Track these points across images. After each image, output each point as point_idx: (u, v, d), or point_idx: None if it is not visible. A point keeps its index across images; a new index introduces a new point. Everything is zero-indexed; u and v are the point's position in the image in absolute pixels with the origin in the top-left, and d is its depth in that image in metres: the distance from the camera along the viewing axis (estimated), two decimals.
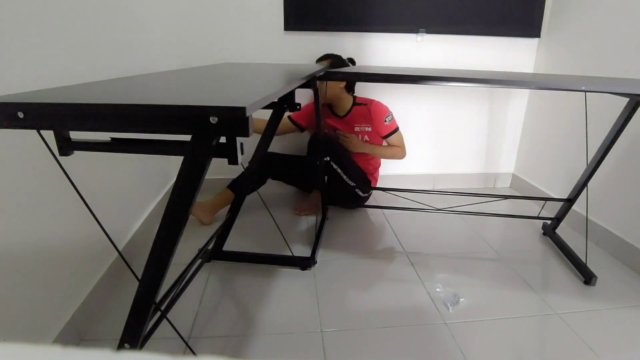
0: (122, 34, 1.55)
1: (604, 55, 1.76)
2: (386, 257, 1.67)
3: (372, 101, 1.96)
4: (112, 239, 0.80)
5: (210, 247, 1.50)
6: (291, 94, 1.31)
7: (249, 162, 1.59)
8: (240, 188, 1.78)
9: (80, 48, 1.22)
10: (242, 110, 0.54)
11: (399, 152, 2.03)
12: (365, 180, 1.98)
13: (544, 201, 1.95)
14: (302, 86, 1.18)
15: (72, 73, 1.18)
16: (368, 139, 1.99)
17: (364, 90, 2.24)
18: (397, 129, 2.00)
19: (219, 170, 2.14)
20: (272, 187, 2.31)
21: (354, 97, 1.97)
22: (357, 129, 1.96)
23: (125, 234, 1.53)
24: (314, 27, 2.04)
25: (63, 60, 1.13)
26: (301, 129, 2.09)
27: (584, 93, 1.68)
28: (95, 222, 0.76)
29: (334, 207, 2.09)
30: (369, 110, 1.93)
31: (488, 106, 2.36)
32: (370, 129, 1.96)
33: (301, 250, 1.70)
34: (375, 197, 2.29)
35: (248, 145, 0.71)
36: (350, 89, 1.96)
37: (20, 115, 0.58)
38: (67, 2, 1.15)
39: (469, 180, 2.51)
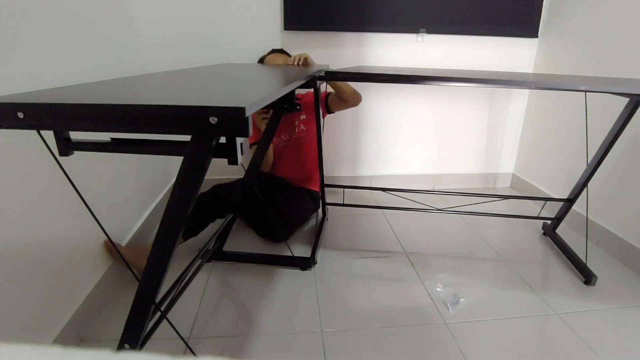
0: (122, 34, 1.55)
1: (604, 55, 1.76)
2: (386, 257, 1.67)
3: (306, 93, 1.95)
4: (112, 239, 0.80)
5: (210, 247, 1.50)
6: (291, 94, 1.32)
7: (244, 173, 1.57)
8: (226, 200, 1.72)
9: (80, 48, 1.22)
10: (241, 110, 0.54)
11: (354, 90, 1.83)
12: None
13: (544, 201, 1.95)
14: (302, 86, 1.18)
15: (72, 73, 1.18)
16: (304, 128, 1.92)
17: (363, 90, 2.24)
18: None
19: (219, 170, 2.14)
20: None
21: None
22: (295, 121, 1.93)
23: (125, 234, 1.53)
24: (313, 27, 2.04)
25: (63, 60, 1.13)
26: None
27: (584, 93, 1.68)
28: (95, 223, 0.76)
29: (333, 208, 2.09)
30: (304, 95, 1.91)
31: (488, 106, 2.36)
32: (305, 117, 1.92)
33: (301, 250, 1.70)
34: (375, 197, 2.29)
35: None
36: None
37: (20, 115, 0.58)
38: (67, 2, 1.15)
39: (469, 181, 2.51)
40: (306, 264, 1.55)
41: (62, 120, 0.60)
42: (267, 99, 0.66)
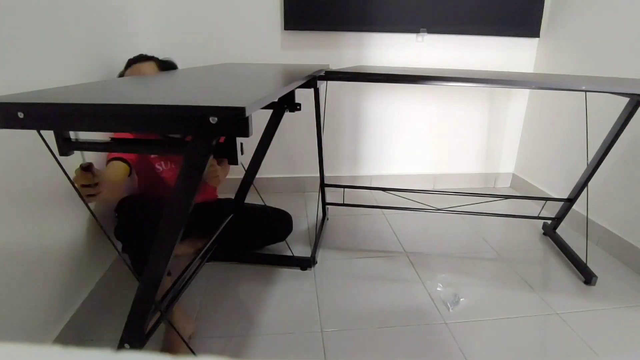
0: (121, 34, 1.55)
1: (604, 54, 1.76)
2: (386, 257, 1.67)
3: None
4: (112, 239, 0.80)
5: (210, 247, 1.50)
6: (291, 94, 1.32)
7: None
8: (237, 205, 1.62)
9: (79, 49, 1.22)
10: (241, 110, 0.54)
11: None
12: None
13: (544, 201, 1.95)
14: (302, 86, 1.18)
15: (72, 73, 1.18)
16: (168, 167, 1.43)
17: (364, 90, 2.24)
18: None
19: None
20: (270, 187, 2.31)
21: None
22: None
23: None
24: (313, 26, 2.04)
25: (63, 60, 1.13)
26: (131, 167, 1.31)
27: (584, 93, 1.68)
28: (95, 223, 0.76)
29: (333, 208, 2.09)
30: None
31: (488, 106, 2.36)
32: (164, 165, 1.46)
33: (301, 250, 1.70)
34: (376, 197, 2.29)
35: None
36: None
37: (20, 115, 0.58)
38: (67, 3, 1.15)
39: (469, 180, 2.51)
40: (306, 263, 1.55)
41: (62, 120, 0.60)
42: (267, 98, 0.66)
